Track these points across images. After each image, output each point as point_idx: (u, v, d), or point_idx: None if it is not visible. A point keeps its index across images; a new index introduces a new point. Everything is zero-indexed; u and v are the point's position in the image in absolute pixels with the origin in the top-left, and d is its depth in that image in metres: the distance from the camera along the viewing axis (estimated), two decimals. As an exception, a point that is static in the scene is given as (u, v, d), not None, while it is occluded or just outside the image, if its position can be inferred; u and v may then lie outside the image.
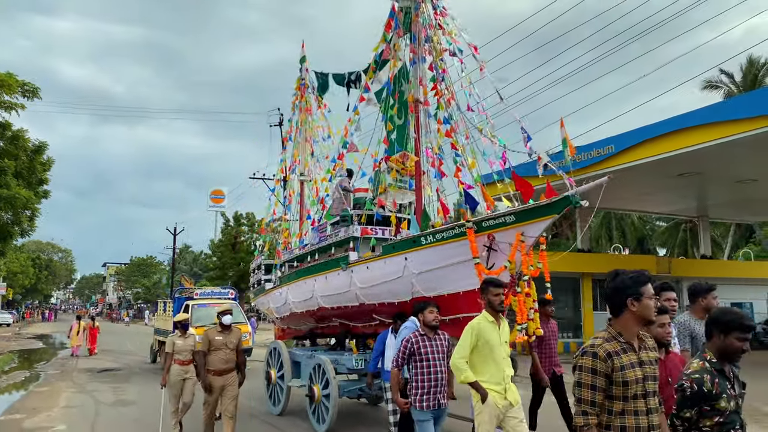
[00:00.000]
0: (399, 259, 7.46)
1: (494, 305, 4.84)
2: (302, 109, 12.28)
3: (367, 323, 8.81)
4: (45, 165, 20.49)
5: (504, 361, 4.77)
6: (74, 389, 13.24)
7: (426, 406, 5.14)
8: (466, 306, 6.86)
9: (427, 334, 5.36)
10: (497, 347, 4.74)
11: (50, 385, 14.20)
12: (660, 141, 15.57)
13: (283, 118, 29.41)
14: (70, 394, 12.47)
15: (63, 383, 14.34)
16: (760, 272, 26.21)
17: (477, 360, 4.76)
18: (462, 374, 4.68)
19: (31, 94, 18.33)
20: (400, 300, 7.62)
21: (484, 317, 4.85)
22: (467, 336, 4.75)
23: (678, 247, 37.53)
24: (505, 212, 6.37)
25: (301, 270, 9.97)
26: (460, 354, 4.73)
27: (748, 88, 30.33)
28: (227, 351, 7.25)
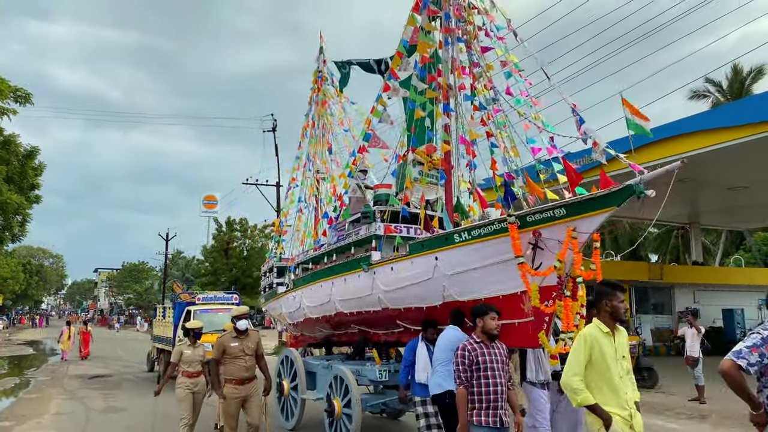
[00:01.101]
0: (428, 259, 6.77)
1: (619, 314, 4.00)
2: (318, 102, 11.63)
3: (389, 330, 8.11)
4: (37, 170, 20.41)
5: (624, 380, 3.90)
6: (65, 396, 13.05)
7: (487, 422, 4.48)
8: (507, 311, 6.15)
9: (483, 342, 4.68)
10: (614, 363, 3.89)
11: (40, 391, 14.01)
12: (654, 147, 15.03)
13: (276, 123, 29.61)
14: (60, 401, 12.30)
15: (53, 390, 14.14)
16: (751, 279, 26.23)
17: (591, 378, 3.90)
18: (578, 395, 3.81)
19: (24, 100, 18.33)
20: (429, 305, 6.92)
21: (598, 327, 4.00)
22: (580, 348, 3.92)
23: (670, 253, 37.31)
24: (554, 205, 5.68)
25: (317, 272, 9.27)
26: (573, 370, 3.86)
27: (734, 96, 30.44)
28: (246, 357, 6.63)
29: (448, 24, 8.13)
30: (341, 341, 9.98)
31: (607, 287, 4.04)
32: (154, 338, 17.02)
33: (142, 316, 61.84)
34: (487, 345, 4.69)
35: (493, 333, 4.70)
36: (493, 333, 4.70)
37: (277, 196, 30.12)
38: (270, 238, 34.45)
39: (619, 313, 3.94)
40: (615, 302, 3.95)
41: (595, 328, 3.97)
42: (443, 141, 7.58)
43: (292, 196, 11.90)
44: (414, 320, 7.39)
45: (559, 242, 5.67)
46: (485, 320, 4.74)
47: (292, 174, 12.15)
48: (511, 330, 6.18)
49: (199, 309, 14.01)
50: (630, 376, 3.96)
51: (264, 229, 34.71)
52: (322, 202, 11.59)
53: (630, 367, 3.99)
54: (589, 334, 3.94)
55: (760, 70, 31.13)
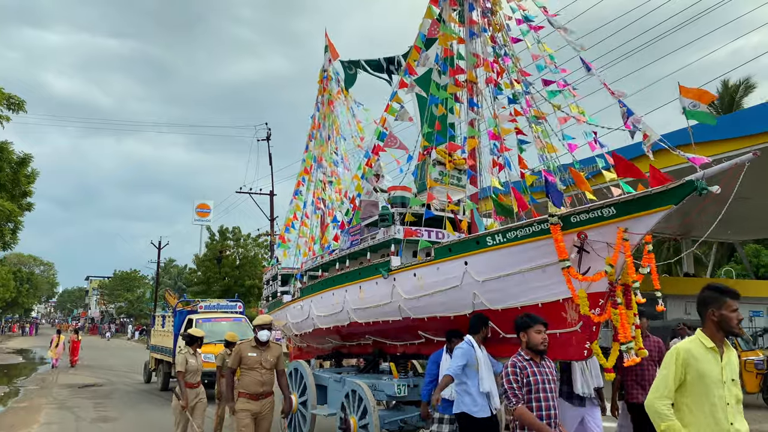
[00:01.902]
0: (457, 264, 6.23)
1: (729, 325, 3.25)
2: (324, 103, 11.11)
3: (409, 342, 7.54)
4: (29, 177, 20.43)
5: (730, 408, 3.18)
6: (54, 405, 12.88)
7: None
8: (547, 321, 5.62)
9: (533, 359, 4.11)
10: (717, 386, 3.17)
11: (29, 400, 13.84)
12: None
13: (270, 132, 29.57)
14: (50, 411, 12.14)
15: (43, 399, 13.95)
16: (744, 290, 25.76)
17: (684, 402, 3.24)
18: (662, 422, 3.18)
19: (17, 107, 18.35)
20: (457, 314, 6.37)
21: (700, 342, 3.29)
22: (671, 365, 3.27)
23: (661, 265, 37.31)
24: (602, 203, 5.16)
25: (327, 279, 8.69)
26: (661, 392, 3.24)
27: (725, 110, 30.60)
28: (263, 371, 6.09)
29: (471, 15, 7.67)
30: (352, 353, 9.38)
31: (714, 292, 3.35)
32: (152, 348, 16.31)
33: (134, 324, 61.10)
34: (536, 363, 4.13)
35: (539, 349, 4.13)
36: (540, 349, 4.14)
37: (271, 204, 29.97)
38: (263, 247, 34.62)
39: (730, 325, 3.24)
40: (725, 311, 3.24)
41: (695, 342, 3.30)
42: (468, 137, 7.06)
43: (299, 200, 11.32)
44: (438, 330, 6.84)
45: (608, 245, 5.17)
46: (529, 334, 4.18)
47: (298, 178, 11.59)
48: (552, 341, 5.62)
49: (201, 318, 13.34)
50: (739, 405, 3.26)
51: (257, 238, 34.53)
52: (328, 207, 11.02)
53: (740, 393, 3.28)
54: (684, 349, 3.29)
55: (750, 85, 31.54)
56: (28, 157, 20.03)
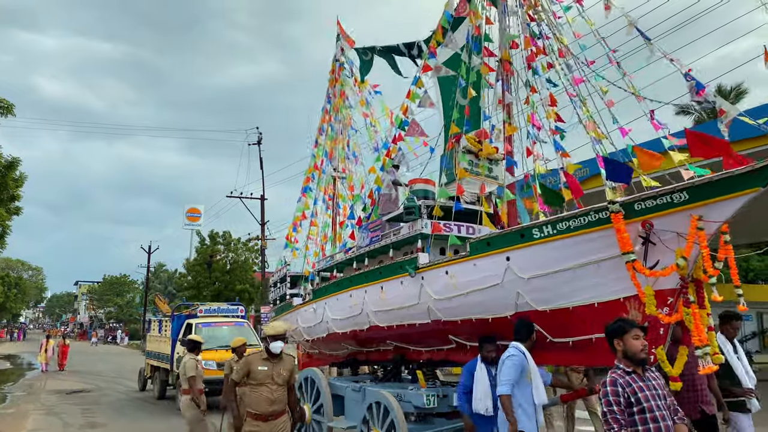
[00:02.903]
0: (497, 260, 5.59)
1: None
2: (336, 94, 10.46)
3: (436, 347, 6.88)
4: (17, 181, 20.05)
5: None
6: (42, 411, 12.72)
7: None
8: (603, 323, 4.98)
9: (636, 372, 3.44)
10: None
11: (17, 406, 13.62)
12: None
13: (261, 137, 29.71)
14: (37, 417, 12.00)
15: (30, 405, 13.74)
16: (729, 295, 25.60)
17: None
18: None
19: (5, 111, 17.99)
20: (496, 315, 5.72)
21: None
22: None
23: None
24: (672, 188, 4.54)
25: (344, 280, 8.02)
26: None
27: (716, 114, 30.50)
28: (274, 387, 5.26)
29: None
30: (369, 360, 8.70)
31: None
32: (148, 354, 15.50)
33: (123, 329, 60.26)
34: (640, 375, 3.45)
35: (639, 357, 3.45)
36: (640, 357, 3.46)
37: (262, 209, 29.82)
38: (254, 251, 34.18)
39: None
40: None
41: None
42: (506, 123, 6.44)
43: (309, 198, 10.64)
44: (472, 335, 6.18)
45: (679, 235, 4.55)
46: (626, 342, 3.50)
47: (306, 174, 10.93)
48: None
49: (201, 322, 12.55)
50: None
51: (248, 242, 34.21)
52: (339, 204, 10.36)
53: None
54: None
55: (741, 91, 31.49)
56: (16, 161, 19.69)
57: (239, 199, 29.79)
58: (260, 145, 29.75)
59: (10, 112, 18.07)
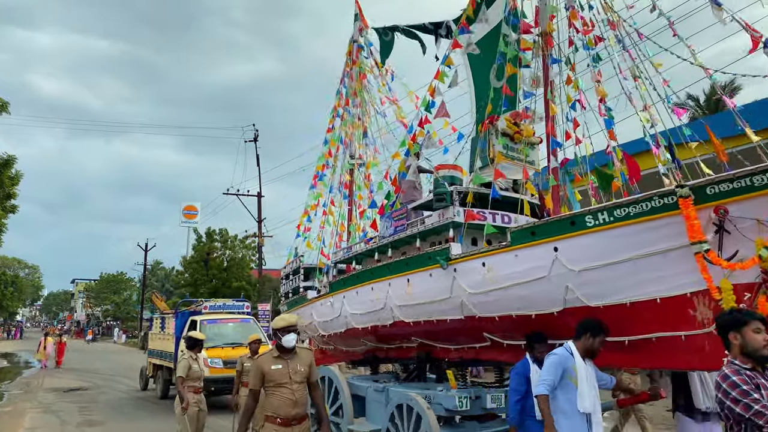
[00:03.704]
0: (543, 250, 5.09)
1: None
2: (353, 77, 9.92)
3: (467, 345, 6.38)
4: (13, 179, 20.15)
5: None
6: (39, 409, 12.65)
7: None
8: (667, 321, 4.50)
9: (755, 369, 2.92)
10: None
11: (14, 405, 13.56)
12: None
13: (258, 134, 29.78)
14: (34, 415, 11.92)
15: (27, 403, 13.67)
16: None
17: None
18: None
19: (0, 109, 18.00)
20: (542, 311, 5.23)
21: None
22: None
23: None
24: (749, 170, 4.04)
25: (365, 272, 7.52)
26: None
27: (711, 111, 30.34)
28: (295, 386, 4.66)
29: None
30: (389, 357, 8.21)
31: None
32: (150, 352, 14.99)
33: (120, 327, 60.04)
34: (762, 374, 2.93)
35: (762, 354, 2.91)
36: (763, 354, 2.92)
37: (259, 206, 29.85)
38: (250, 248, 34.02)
39: None
40: None
41: None
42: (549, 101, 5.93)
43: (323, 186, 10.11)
44: (511, 332, 5.69)
45: (760, 223, 4.05)
46: (745, 335, 2.95)
47: (319, 161, 10.40)
48: (674, 345, 4.52)
49: (205, 319, 12.03)
50: None
51: (245, 240, 34.21)
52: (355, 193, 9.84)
53: None
54: None
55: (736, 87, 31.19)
56: (11, 159, 19.68)
57: (236, 196, 29.82)
58: (257, 142, 29.82)
59: (5, 110, 18.23)
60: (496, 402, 6.07)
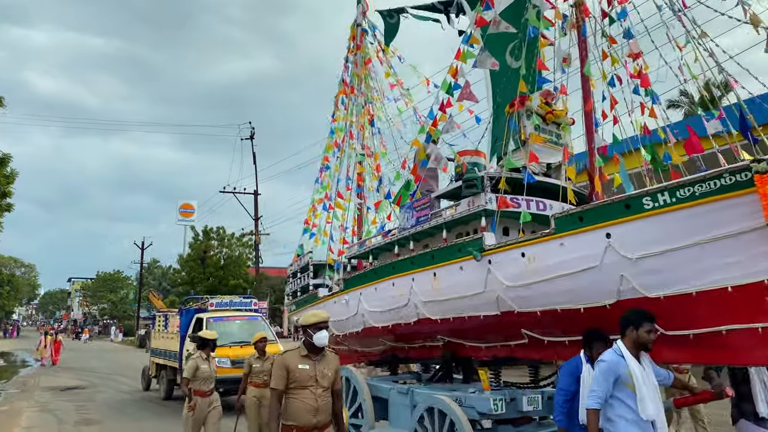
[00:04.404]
0: (594, 237, 4.63)
1: None
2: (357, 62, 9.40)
3: (500, 343, 5.91)
4: (9, 178, 19.95)
5: None
6: (36, 408, 12.52)
7: None
8: (740, 311, 4.06)
9: None
10: None
11: (10, 404, 13.38)
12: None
13: (254, 131, 29.73)
14: (31, 414, 11.80)
15: (24, 402, 13.52)
16: None
17: None
18: None
19: None
20: (591, 305, 4.76)
21: None
22: None
23: None
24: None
25: (384, 266, 7.02)
26: None
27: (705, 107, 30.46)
28: (320, 392, 4.16)
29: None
30: (409, 357, 7.73)
31: None
32: (153, 351, 14.42)
33: (117, 326, 59.47)
34: None
35: None
36: None
37: (255, 204, 29.64)
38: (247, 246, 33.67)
39: None
40: None
41: None
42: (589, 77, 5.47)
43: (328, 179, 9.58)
44: (554, 328, 5.23)
45: None
46: None
47: (324, 152, 9.88)
48: (750, 339, 4.06)
49: (212, 317, 11.48)
50: None
51: (241, 237, 34.09)
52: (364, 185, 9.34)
53: None
54: None
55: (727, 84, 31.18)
56: (7, 157, 19.44)
57: (232, 194, 29.64)
58: (253, 139, 29.75)
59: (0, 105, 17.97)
60: (533, 404, 5.61)
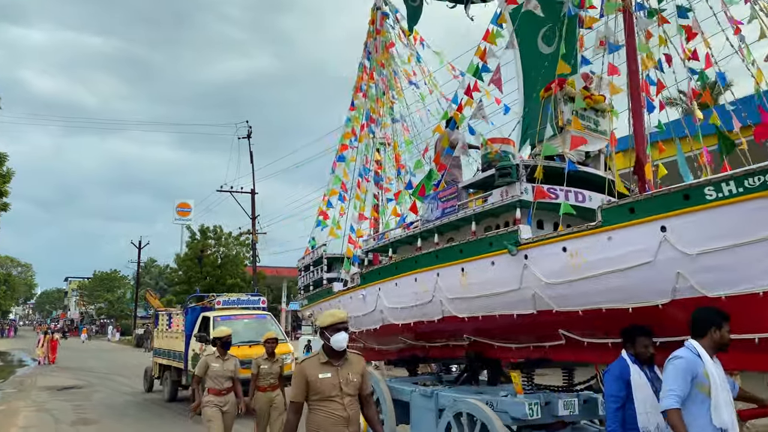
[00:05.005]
0: (647, 231, 4.24)
1: None
2: (378, 48, 8.98)
3: (532, 344, 5.53)
4: (5, 177, 19.98)
5: None
6: (33, 408, 12.51)
7: None
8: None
9: None
10: None
11: (7, 403, 13.38)
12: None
13: (251, 130, 29.67)
14: (28, 414, 11.76)
15: (21, 402, 13.50)
16: None
17: None
18: None
19: None
20: (640, 304, 4.37)
21: None
22: None
23: None
24: None
25: (406, 261, 6.63)
26: None
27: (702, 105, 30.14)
28: (347, 400, 3.76)
29: None
30: (428, 357, 7.36)
31: None
32: (156, 352, 13.99)
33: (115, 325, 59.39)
34: None
35: None
36: None
37: (252, 203, 29.79)
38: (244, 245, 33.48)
39: None
40: None
41: None
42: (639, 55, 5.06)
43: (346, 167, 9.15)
44: (593, 328, 4.85)
45: None
46: None
47: (341, 141, 9.47)
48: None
49: (219, 315, 11.03)
50: None
51: (239, 237, 34.07)
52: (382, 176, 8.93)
53: None
54: None
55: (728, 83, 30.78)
56: (3, 157, 19.42)
57: (229, 193, 29.57)
58: (250, 139, 29.64)
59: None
60: (569, 408, 5.26)
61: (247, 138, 29.45)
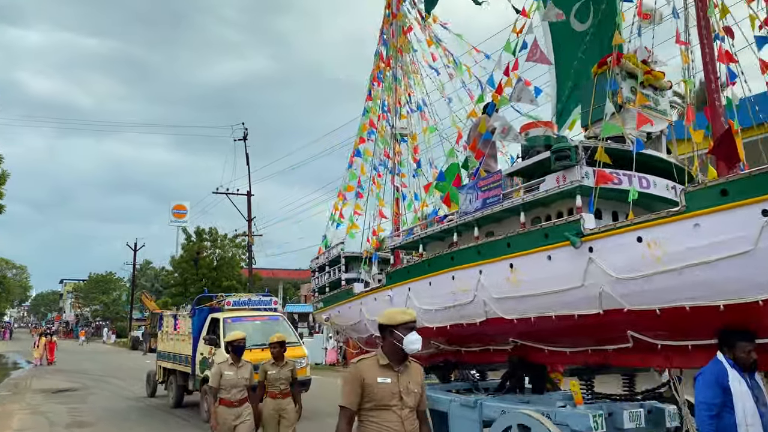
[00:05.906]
0: (743, 217, 3.70)
1: None
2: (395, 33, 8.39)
3: (590, 347, 4.95)
4: (0, 179, 19.67)
5: None
6: (27, 411, 12.39)
7: None
8: None
9: None
10: None
11: (2, 406, 13.19)
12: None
13: (247, 132, 29.42)
14: (23, 416, 11.62)
15: (16, 405, 13.31)
16: None
17: None
18: None
19: None
20: (737, 301, 3.81)
21: None
22: None
23: None
24: None
25: (440, 257, 6.02)
26: None
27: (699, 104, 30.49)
28: (405, 412, 3.16)
29: None
30: (462, 362, 6.76)
31: None
32: (159, 355, 13.24)
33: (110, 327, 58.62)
34: None
35: None
36: None
37: (248, 205, 29.57)
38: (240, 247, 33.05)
39: None
40: None
41: None
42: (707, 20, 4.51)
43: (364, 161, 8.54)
44: (674, 331, 4.27)
45: None
46: None
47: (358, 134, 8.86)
48: None
49: (229, 317, 10.32)
50: None
51: (234, 238, 33.76)
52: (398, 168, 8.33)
53: None
54: None
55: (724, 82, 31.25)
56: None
57: (225, 195, 29.28)
58: (246, 140, 29.50)
59: None
60: (635, 420, 4.70)
61: (243, 140, 29.31)
